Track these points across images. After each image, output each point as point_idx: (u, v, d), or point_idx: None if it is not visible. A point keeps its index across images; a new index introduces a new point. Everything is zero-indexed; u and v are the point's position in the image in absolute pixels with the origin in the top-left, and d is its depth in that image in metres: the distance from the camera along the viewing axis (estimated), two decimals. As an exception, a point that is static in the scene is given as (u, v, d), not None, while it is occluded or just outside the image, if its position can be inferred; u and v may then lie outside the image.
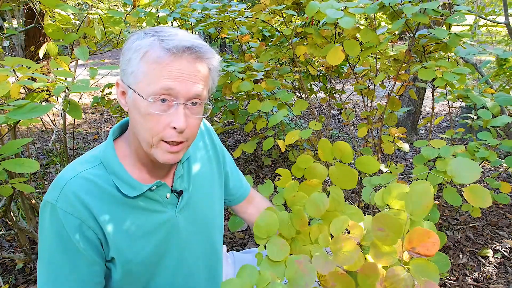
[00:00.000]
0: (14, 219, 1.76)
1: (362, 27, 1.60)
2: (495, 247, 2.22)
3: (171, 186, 0.91)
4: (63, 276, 0.78)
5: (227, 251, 1.34)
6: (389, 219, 0.66)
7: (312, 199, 0.81)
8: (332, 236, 0.74)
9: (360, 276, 0.64)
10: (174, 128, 0.75)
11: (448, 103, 1.99)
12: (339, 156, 0.90)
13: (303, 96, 2.72)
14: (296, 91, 2.71)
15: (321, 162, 0.94)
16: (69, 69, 1.34)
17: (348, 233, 0.74)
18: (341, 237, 0.71)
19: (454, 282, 1.94)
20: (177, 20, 2.49)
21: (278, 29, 1.94)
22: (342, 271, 0.68)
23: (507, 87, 2.73)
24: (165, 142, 0.77)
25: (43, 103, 1.04)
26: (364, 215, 0.84)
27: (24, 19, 4.62)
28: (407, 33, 1.68)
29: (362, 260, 0.68)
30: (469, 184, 0.92)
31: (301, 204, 0.83)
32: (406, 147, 1.94)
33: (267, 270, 0.72)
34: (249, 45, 2.52)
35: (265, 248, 0.76)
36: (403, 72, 1.81)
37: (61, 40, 1.60)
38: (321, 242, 0.76)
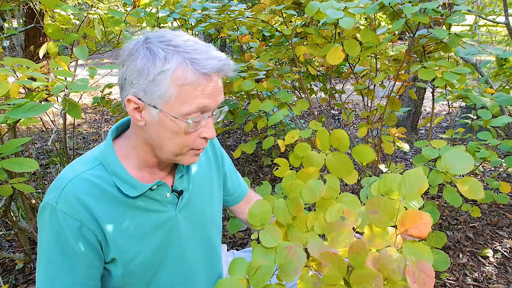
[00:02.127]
0: (14, 219, 1.76)
1: (362, 27, 1.60)
2: (495, 247, 2.22)
3: (171, 186, 0.91)
4: (60, 278, 0.78)
5: (227, 250, 1.34)
6: (382, 201, 0.69)
7: (309, 186, 0.83)
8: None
9: (351, 255, 0.67)
10: (204, 137, 0.80)
11: (448, 103, 1.99)
12: (336, 145, 0.94)
13: (303, 96, 2.72)
14: (296, 91, 2.71)
15: (318, 151, 0.97)
16: (69, 69, 1.34)
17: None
18: (336, 222, 0.74)
19: (454, 282, 1.94)
20: (177, 20, 2.49)
21: (278, 29, 1.94)
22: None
23: (507, 87, 2.73)
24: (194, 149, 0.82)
25: (42, 103, 1.04)
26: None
27: (24, 19, 4.62)
28: (407, 33, 1.69)
29: None
30: (463, 176, 0.95)
31: (298, 192, 0.85)
32: (406, 147, 1.94)
33: (259, 257, 0.75)
34: (249, 45, 2.52)
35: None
36: (403, 72, 1.81)
37: (61, 40, 1.60)
38: (316, 229, 0.79)
